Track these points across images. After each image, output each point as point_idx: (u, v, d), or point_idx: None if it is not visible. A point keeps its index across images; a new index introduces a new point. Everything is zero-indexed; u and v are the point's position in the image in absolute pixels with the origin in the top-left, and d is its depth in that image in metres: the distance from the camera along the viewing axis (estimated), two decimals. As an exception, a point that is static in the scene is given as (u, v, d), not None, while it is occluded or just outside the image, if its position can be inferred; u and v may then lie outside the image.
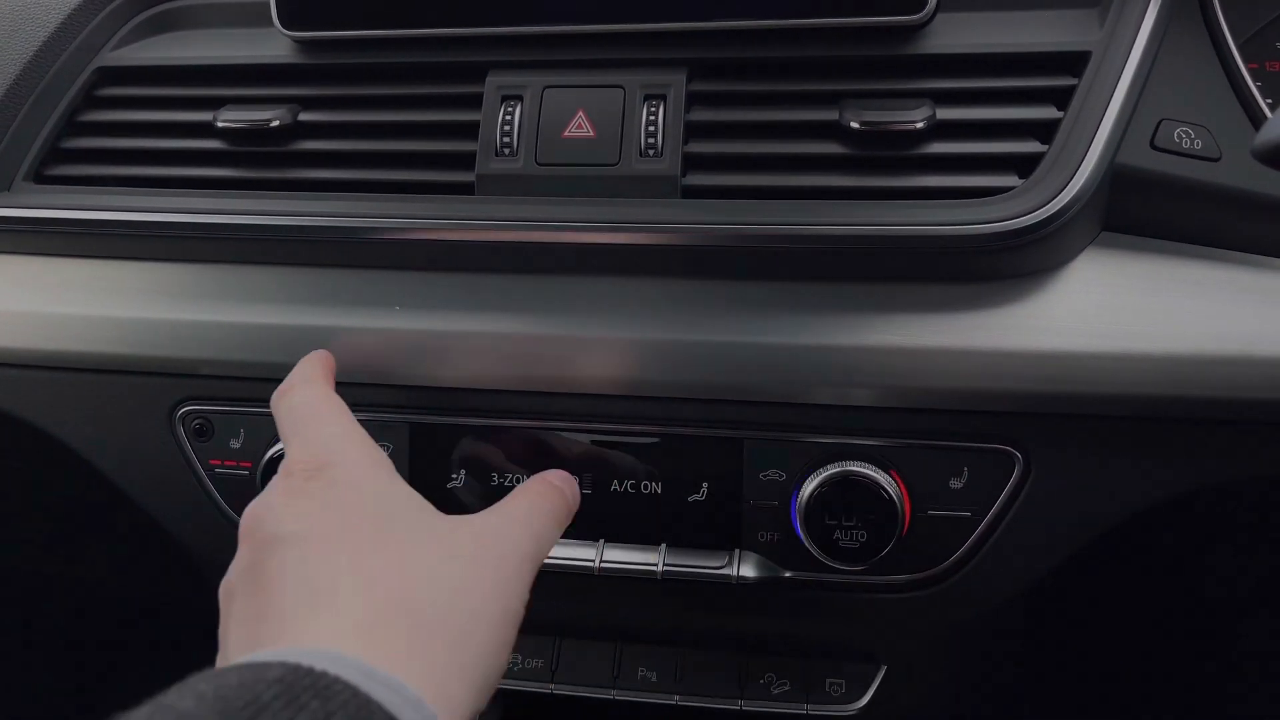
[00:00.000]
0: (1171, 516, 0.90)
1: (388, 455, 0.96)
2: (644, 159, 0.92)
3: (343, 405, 0.80)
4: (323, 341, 0.95)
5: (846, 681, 1.03)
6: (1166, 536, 0.96)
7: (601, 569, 0.95)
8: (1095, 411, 0.87)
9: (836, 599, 0.96)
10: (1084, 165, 0.86)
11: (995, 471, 0.90)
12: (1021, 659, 1.05)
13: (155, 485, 1.03)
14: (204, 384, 0.99)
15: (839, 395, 0.89)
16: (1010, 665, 1.05)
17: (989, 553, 0.91)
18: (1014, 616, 0.96)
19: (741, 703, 1.03)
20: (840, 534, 0.89)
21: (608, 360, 0.91)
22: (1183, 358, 0.84)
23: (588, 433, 0.95)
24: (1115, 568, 0.99)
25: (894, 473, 0.90)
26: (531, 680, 1.07)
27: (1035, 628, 1.01)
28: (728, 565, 0.94)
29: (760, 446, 0.92)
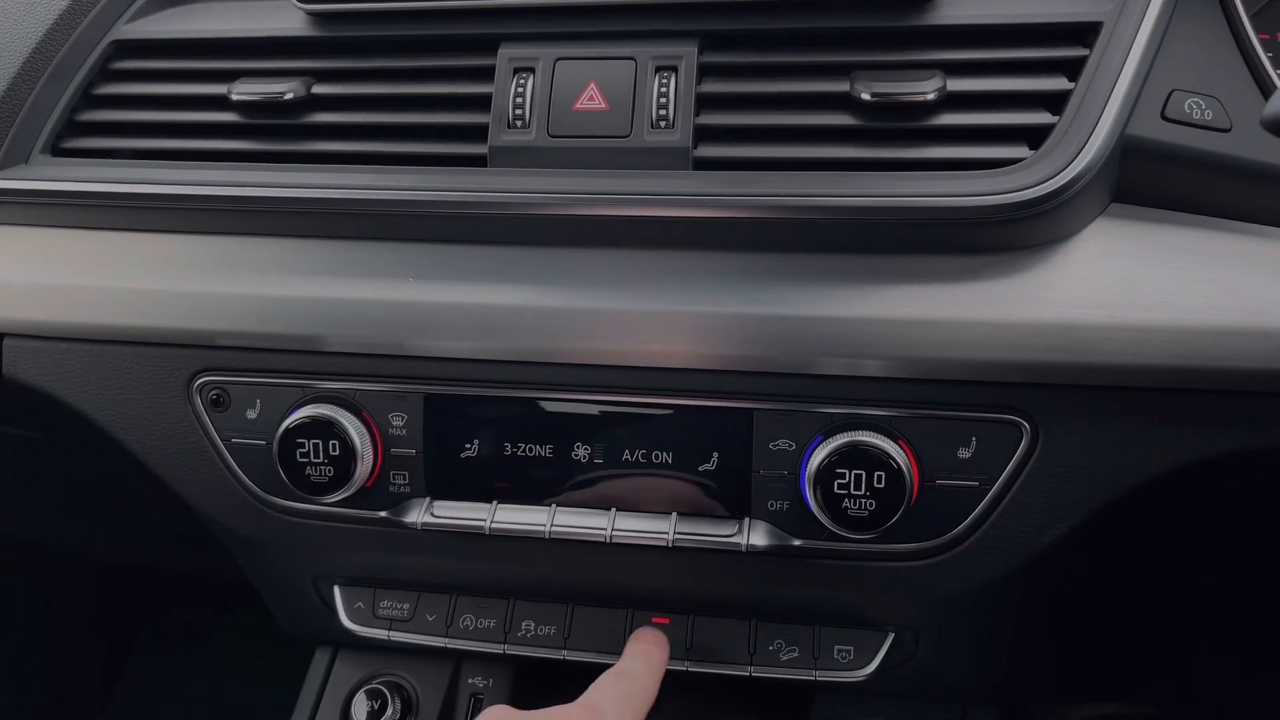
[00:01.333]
0: (1178, 486, 0.90)
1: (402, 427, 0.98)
2: (655, 131, 0.92)
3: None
4: (336, 313, 0.96)
5: (855, 648, 1.04)
6: (1173, 506, 0.97)
7: (613, 538, 0.96)
8: (1103, 382, 0.87)
9: (845, 567, 0.97)
10: (1094, 136, 0.86)
11: (1003, 441, 0.90)
12: (1028, 626, 1.07)
13: (174, 456, 1.04)
14: (221, 355, 1.00)
15: (848, 366, 0.90)
16: (1017, 633, 1.06)
17: (996, 522, 0.92)
18: (1021, 584, 0.96)
19: (750, 669, 1.04)
20: (849, 503, 0.90)
21: (619, 332, 0.92)
22: (1192, 329, 0.84)
23: (600, 403, 0.96)
24: (1121, 536, 1.00)
25: (902, 442, 0.91)
26: (544, 646, 1.08)
27: (1042, 596, 1.02)
28: (738, 534, 0.95)
29: (770, 416, 0.93)
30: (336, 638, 1.17)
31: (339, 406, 0.98)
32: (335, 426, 0.97)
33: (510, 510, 0.99)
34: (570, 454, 0.97)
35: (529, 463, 0.98)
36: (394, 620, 1.12)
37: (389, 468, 1.00)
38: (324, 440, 0.97)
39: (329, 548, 1.07)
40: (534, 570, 1.06)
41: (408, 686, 1.20)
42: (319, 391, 0.99)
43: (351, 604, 1.13)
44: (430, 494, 1.00)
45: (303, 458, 0.98)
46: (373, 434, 0.99)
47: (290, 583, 1.14)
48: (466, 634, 1.10)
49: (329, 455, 0.97)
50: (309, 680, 1.22)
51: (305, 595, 1.14)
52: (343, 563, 1.10)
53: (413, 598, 1.12)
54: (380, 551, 1.06)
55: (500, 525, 0.98)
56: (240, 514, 1.06)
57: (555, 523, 0.97)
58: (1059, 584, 1.02)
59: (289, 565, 1.12)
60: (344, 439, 0.97)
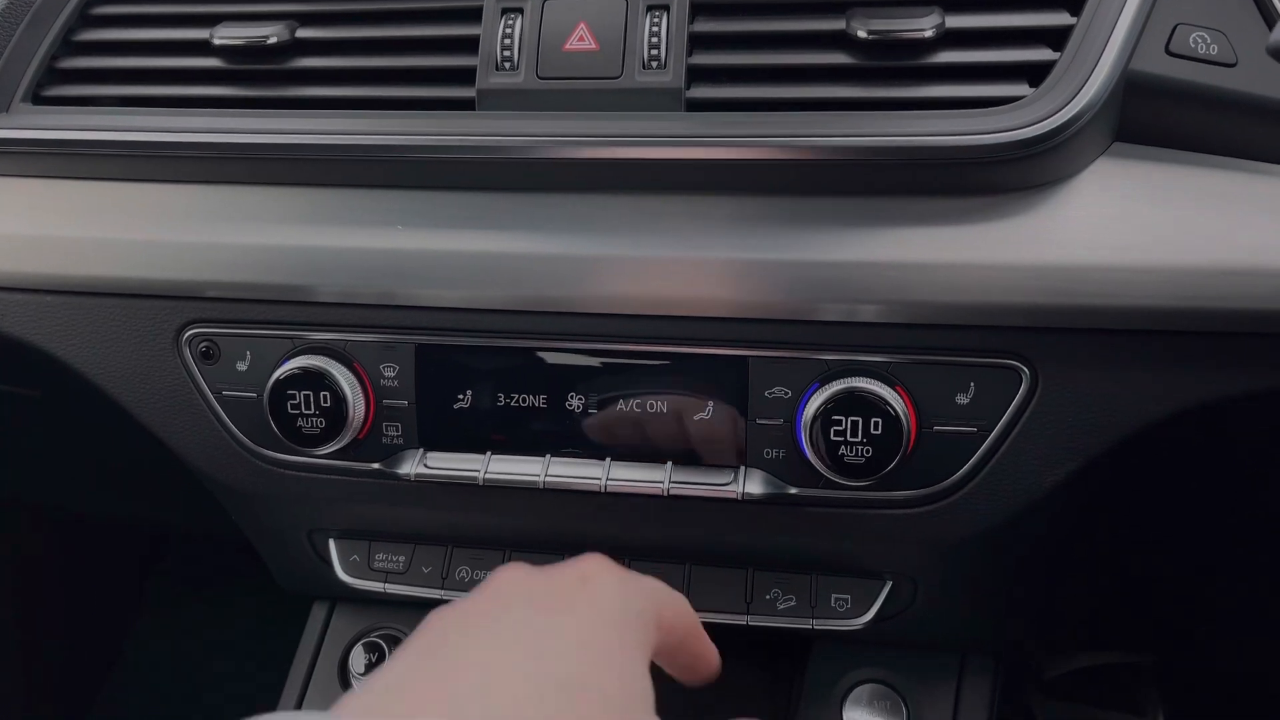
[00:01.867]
0: (1178, 430, 0.89)
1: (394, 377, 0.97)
2: (647, 71, 0.90)
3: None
4: (325, 262, 0.95)
5: (852, 597, 1.03)
6: (1174, 450, 0.96)
7: (608, 487, 0.95)
8: (1104, 325, 0.86)
9: (842, 515, 0.96)
10: (1097, 72, 0.84)
11: (1002, 386, 0.89)
12: (1027, 574, 1.06)
13: (165, 410, 1.04)
14: (209, 306, 0.99)
15: (845, 311, 0.89)
16: (1016, 581, 1.06)
17: (995, 468, 0.91)
18: (1020, 532, 0.96)
19: (747, 618, 1.04)
20: (846, 450, 0.89)
21: (611, 279, 0.90)
22: (1195, 269, 0.83)
23: (593, 352, 0.95)
24: (1121, 483, 0.99)
25: (900, 388, 0.89)
26: (540, 597, 1.08)
27: (1041, 543, 1.01)
28: (733, 483, 0.94)
29: (766, 364, 0.92)
30: (333, 591, 1.17)
31: (330, 358, 0.97)
32: (326, 378, 0.96)
33: (504, 461, 0.98)
34: (564, 403, 0.96)
35: (522, 413, 0.97)
36: (389, 573, 1.11)
37: (381, 419, 0.99)
38: (315, 392, 0.96)
39: (322, 500, 1.06)
40: (529, 521, 1.05)
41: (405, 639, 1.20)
42: (309, 343, 0.98)
43: (347, 557, 1.12)
44: (423, 445, 0.99)
45: (294, 410, 0.97)
46: (364, 385, 0.98)
47: (285, 537, 1.14)
48: (462, 586, 1.09)
49: (320, 407, 0.96)
50: (306, 634, 1.22)
51: (300, 549, 1.14)
52: (337, 515, 1.10)
53: (408, 550, 1.11)
54: (374, 504, 1.05)
55: (494, 476, 0.97)
56: (233, 467, 1.05)
57: (549, 473, 0.97)
58: (1058, 531, 1.02)
59: (283, 519, 1.12)
60: (335, 390, 0.96)
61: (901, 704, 1.10)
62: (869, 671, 1.12)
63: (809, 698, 1.12)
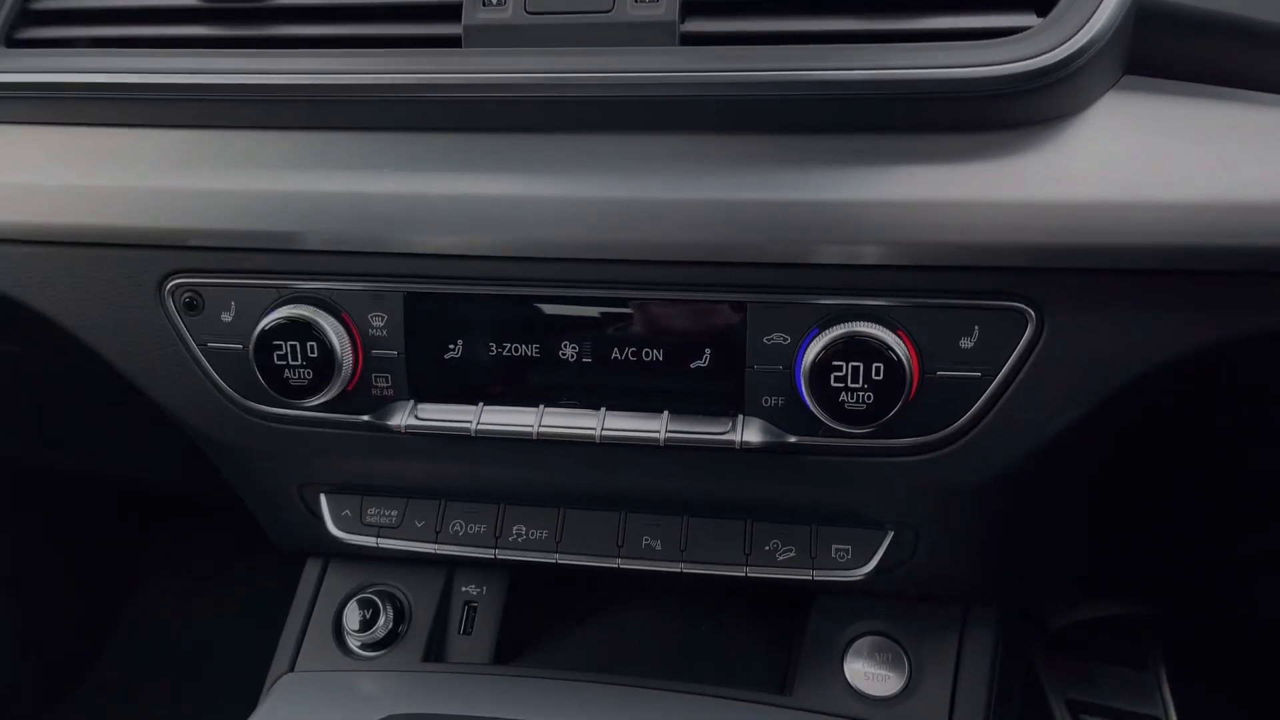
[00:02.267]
0: (1188, 373, 0.87)
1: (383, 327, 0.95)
2: (639, 4, 0.87)
3: None
4: (310, 208, 0.92)
5: (853, 547, 1.02)
6: (1183, 393, 0.94)
7: (603, 437, 0.93)
8: (1113, 265, 0.83)
9: (842, 464, 0.94)
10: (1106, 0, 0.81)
11: (1007, 330, 0.87)
12: (1031, 524, 1.04)
13: (149, 363, 1.01)
14: (192, 255, 0.96)
15: (845, 254, 0.86)
16: (1020, 530, 1.04)
17: (999, 414, 0.89)
18: (1023, 480, 0.94)
19: (746, 569, 1.02)
20: (846, 397, 0.87)
21: (605, 222, 0.88)
22: (1207, 205, 0.80)
23: (587, 300, 0.92)
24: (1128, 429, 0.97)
25: (901, 333, 0.87)
26: (536, 550, 1.06)
27: (1045, 492, 0.99)
28: (731, 431, 0.92)
29: (764, 309, 0.89)
30: (325, 547, 1.16)
31: (316, 307, 0.94)
32: (313, 328, 0.93)
33: (496, 412, 0.96)
34: (557, 352, 0.94)
35: (515, 362, 0.95)
36: (382, 527, 1.09)
37: (370, 370, 0.96)
38: (302, 342, 0.94)
39: (312, 454, 1.04)
40: (523, 473, 1.03)
41: (400, 596, 1.19)
42: (295, 292, 0.96)
43: (338, 512, 1.10)
44: (414, 396, 0.97)
45: (280, 361, 0.94)
46: (352, 335, 0.95)
47: (275, 492, 1.12)
48: (456, 539, 1.08)
49: (307, 358, 0.94)
50: (300, 592, 1.21)
51: (291, 504, 1.12)
52: (327, 469, 1.08)
53: (401, 504, 1.09)
54: (365, 457, 1.03)
55: (486, 427, 0.95)
56: (220, 421, 1.03)
57: (543, 423, 0.94)
58: (1062, 480, 1.00)
59: (273, 473, 1.10)
60: (322, 341, 0.93)
61: (903, 656, 1.09)
62: (870, 624, 1.11)
63: (809, 651, 1.11)
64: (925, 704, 1.06)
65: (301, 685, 1.13)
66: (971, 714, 1.05)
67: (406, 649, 1.16)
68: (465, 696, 1.07)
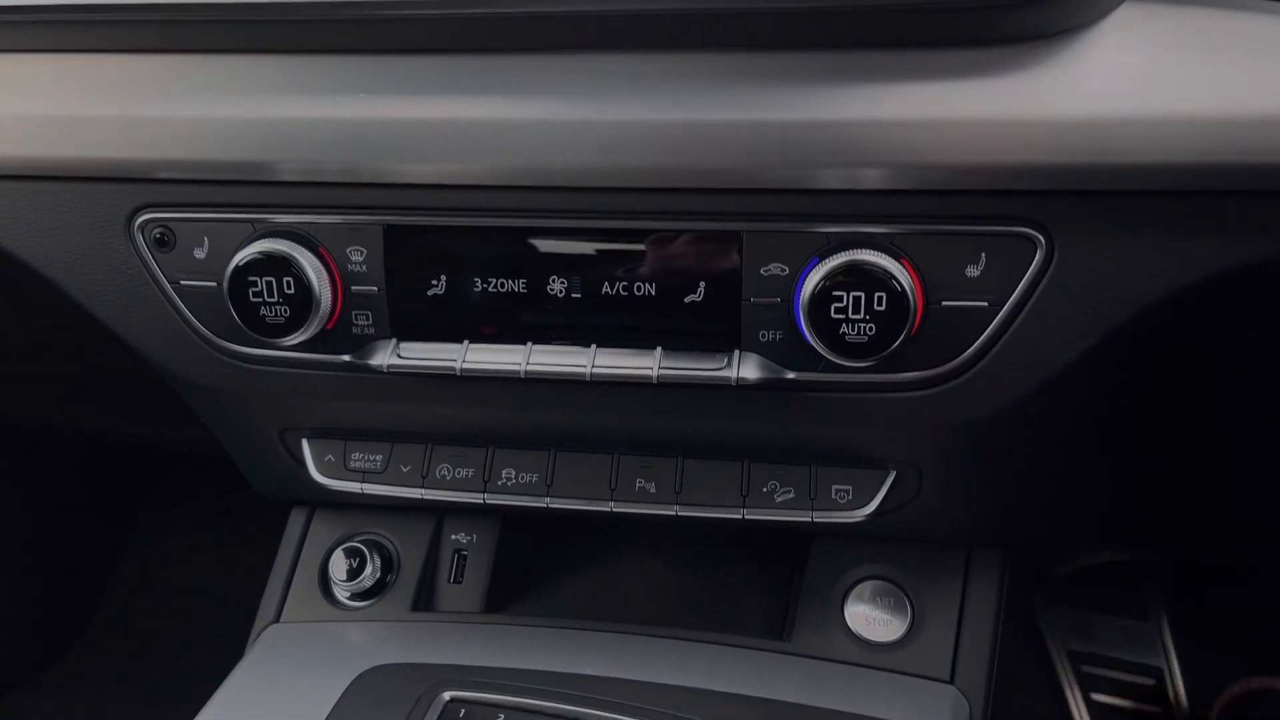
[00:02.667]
0: (1203, 300, 0.83)
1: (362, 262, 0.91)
2: (627, -87, 0.82)
3: None
4: (284, 136, 0.88)
5: (853, 488, 0.98)
6: (1197, 322, 0.90)
7: (594, 375, 0.90)
8: (1126, 186, 0.79)
9: (843, 401, 0.91)
10: None
11: (1015, 256, 0.83)
12: (1039, 461, 1.01)
13: (120, 302, 0.97)
14: (162, 189, 0.92)
15: (846, 177, 0.82)
16: (1026, 468, 1.01)
17: (1006, 345, 0.85)
18: (1030, 415, 0.90)
19: (744, 512, 0.99)
20: (847, 329, 0.84)
21: (592, 147, 0.83)
22: (1225, 120, 0.76)
23: (576, 231, 0.88)
24: (1138, 359, 0.93)
25: (905, 261, 0.83)
26: (526, 495, 1.03)
27: (1054, 427, 0.96)
28: (727, 367, 0.88)
29: (761, 239, 0.86)
30: (309, 495, 1.12)
31: (293, 241, 0.91)
32: (289, 263, 0.89)
33: (483, 350, 0.92)
34: (545, 287, 0.90)
35: (501, 298, 0.91)
36: (366, 473, 1.06)
37: (350, 307, 0.93)
38: (278, 279, 0.90)
39: (292, 397, 1.01)
40: (511, 414, 1.00)
41: (388, 544, 1.16)
42: (270, 226, 0.92)
43: (321, 457, 1.07)
44: (396, 335, 0.93)
45: (256, 298, 0.91)
46: (330, 271, 0.92)
47: (256, 437, 1.08)
48: (444, 484, 1.04)
49: (284, 294, 0.90)
50: (285, 541, 1.18)
51: (272, 450, 1.08)
52: (308, 412, 1.04)
53: (385, 448, 1.06)
54: (347, 399, 0.99)
55: (472, 366, 0.91)
56: (195, 362, 0.99)
57: (531, 361, 0.91)
58: (1071, 416, 0.96)
59: (253, 417, 1.06)
60: (299, 276, 0.90)
61: (905, 600, 1.06)
62: (871, 568, 1.08)
63: (809, 596, 1.08)
64: (928, 649, 1.04)
65: (287, 636, 1.10)
66: (976, 659, 1.02)
67: (395, 598, 1.13)
68: (455, 646, 1.05)
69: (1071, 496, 1.14)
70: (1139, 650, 1.95)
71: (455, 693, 0.96)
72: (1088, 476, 1.12)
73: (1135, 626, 1.96)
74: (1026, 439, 0.96)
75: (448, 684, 0.97)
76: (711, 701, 0.97)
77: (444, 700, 0.96)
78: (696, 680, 0.99)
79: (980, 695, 1.01)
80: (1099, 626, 1.98)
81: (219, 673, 1.05)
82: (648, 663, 1.02)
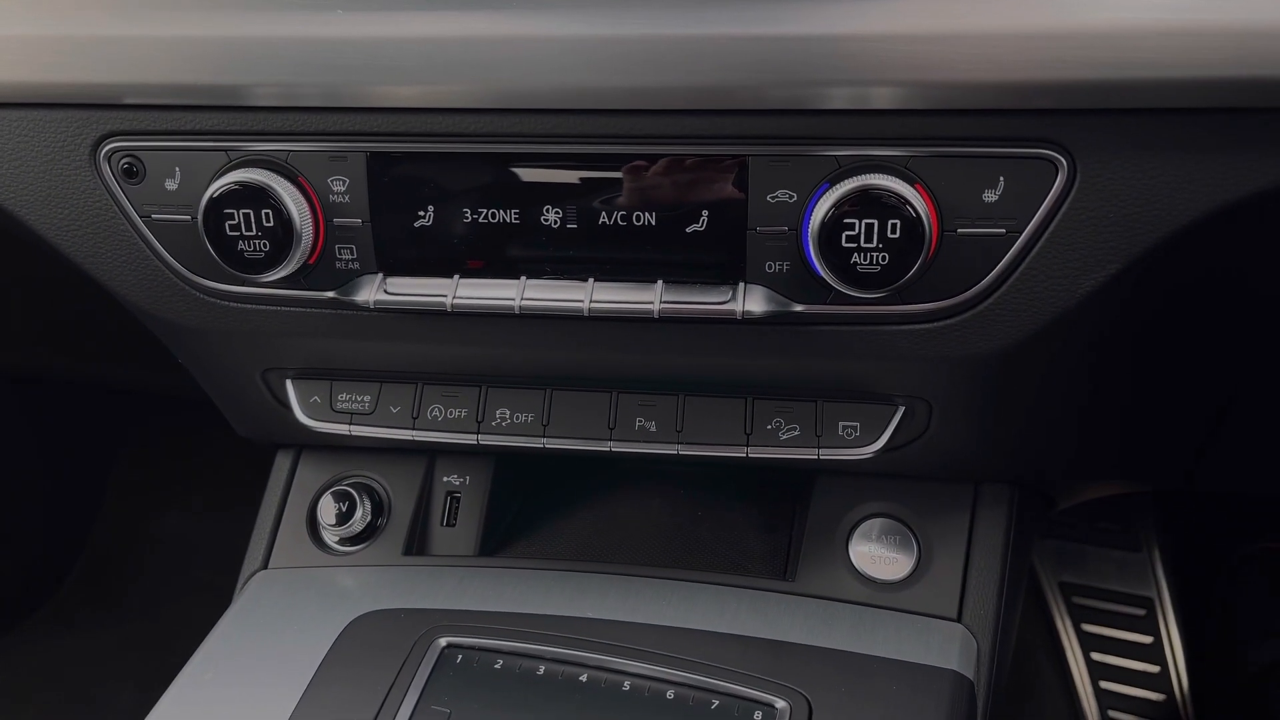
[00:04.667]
0: (1229, 225, 0.79)
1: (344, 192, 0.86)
2: None
3: None
4: (258, 56, 0.82)
5: (860, 424, 0.95)
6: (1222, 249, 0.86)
7: (592, 310, 0.86)
8: (1153, 103, 0.75)
9: (852, 334, 0.87)
10: None
11: (1036, 180, 0.79)
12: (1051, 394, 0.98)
13: (88, 238, 0.92)
14: (129, 115, 0.87)
15: (855, 96, 0.78)
16: (1038, 402, 0.97)
17: (1024, 274, 0.82)
18: (1046, 348, 0.87)
19: (747, 450, 0.96)
20: (858, 258, 0.80)
21: (583, 65, 0.79)
22: (1259, 32, 0.71)
23: (571, 157, 0.83)
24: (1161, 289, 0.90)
25: (919, 186, 0.79)
26: (521, 435, 0.99)
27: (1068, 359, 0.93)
28: (731, 301, 0.85)
29: (767, 164, 0.81)
30: (295, 438, 1.09)
31: (270, 171, 0.86)
32: (267, 194, 0.85)
33: (474, 285, 0.88)
34: (539, 218, 0.86)
35: (493, 230, 0.86)
36: (354, 414, 1.02)
37: (332, 241, 0.88)
38: (255, 211, 0.85)
39: (274, 336, 0.96)
40: (505, 352, 0.96)
41: (378, 487, 1.12)
42: (246, 154, 0.87)
43: (306, 398, 1.03)
44: (382, 270, 0.89)
45: (233, 232, 0.86)
46: (311, 202, 0.87)
47: (236, 378, 1.04)
48: (435, 425, 1.00)
49: (262, 228, 0.86)
50: (271, 485, 1.14)
51: (255, 391, 1.04)
52: (292, 352, 1.00)
53: (374, 388, 1.02)
54: (332, 338, 0.95)
55: (464, 301, 0.87)
56: (171, 301, 0.94)
57: (526, 296, 0.87)
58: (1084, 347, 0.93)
59: (233, 358, 1.02)
60: (278, 208, 0.85)
61: (912, 538, 1.03)
62: (876, 505, 1.05)
63: (812, 535, 1.05)
64: (935, 587, 1.01)
65: (276, 582, 1.07)
66: (984, 597, 1.00)
67: (386, 543, 1.10)
68: (450, 590, 1.02)
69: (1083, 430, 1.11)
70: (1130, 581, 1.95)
71: (451, 638, 0.94)
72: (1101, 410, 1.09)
73: (1127, 558, 1.96)
74: (1042, 371, 0.92)
75: (443, 629, 0.95)
76: (714, 643, 0.94)
77: (440, 646, 0.94)
78: (698, 622, 0.97)
79: (989, 633, 0.99)
80: (1091, 558, 1.98)
81: (207, 621, 1.02)
82: (648, 604, 0.99)
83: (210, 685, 0.94)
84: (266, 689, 0.92)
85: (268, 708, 0.90)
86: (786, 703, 0.88)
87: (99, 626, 2.01)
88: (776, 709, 0.87)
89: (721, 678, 0.90)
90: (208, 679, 0.95)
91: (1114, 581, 1.97)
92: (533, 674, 0.91)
